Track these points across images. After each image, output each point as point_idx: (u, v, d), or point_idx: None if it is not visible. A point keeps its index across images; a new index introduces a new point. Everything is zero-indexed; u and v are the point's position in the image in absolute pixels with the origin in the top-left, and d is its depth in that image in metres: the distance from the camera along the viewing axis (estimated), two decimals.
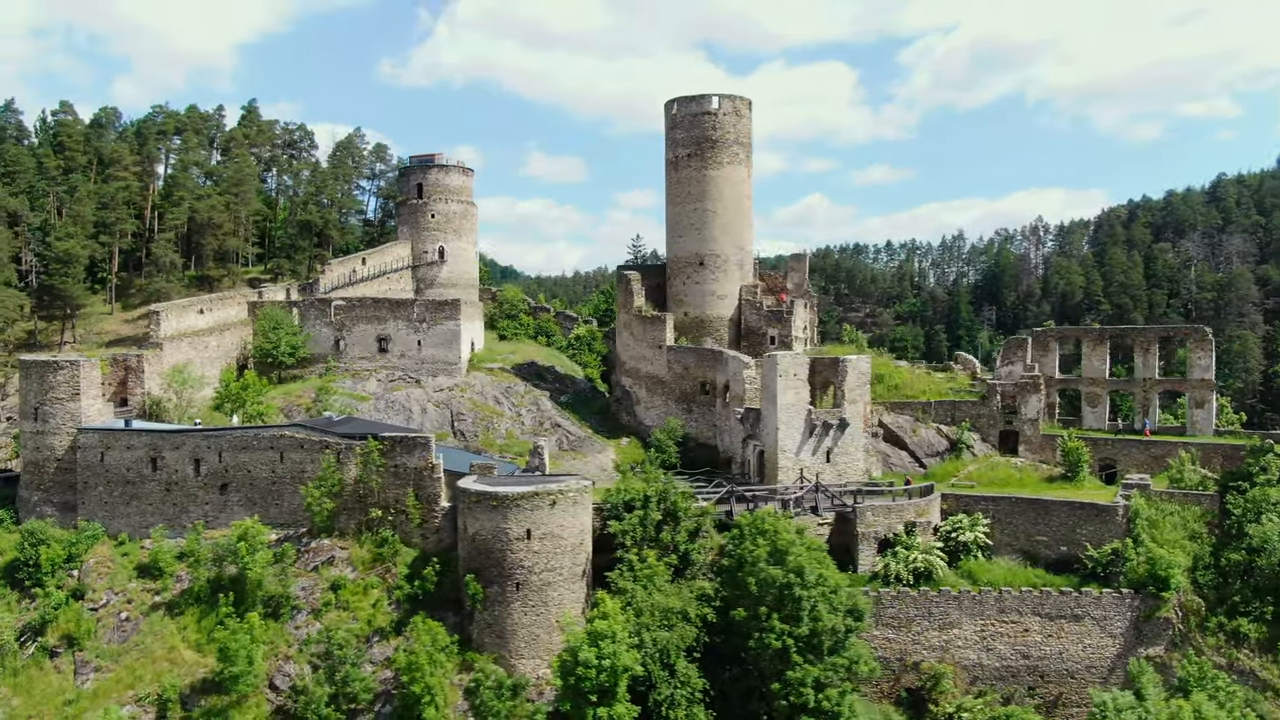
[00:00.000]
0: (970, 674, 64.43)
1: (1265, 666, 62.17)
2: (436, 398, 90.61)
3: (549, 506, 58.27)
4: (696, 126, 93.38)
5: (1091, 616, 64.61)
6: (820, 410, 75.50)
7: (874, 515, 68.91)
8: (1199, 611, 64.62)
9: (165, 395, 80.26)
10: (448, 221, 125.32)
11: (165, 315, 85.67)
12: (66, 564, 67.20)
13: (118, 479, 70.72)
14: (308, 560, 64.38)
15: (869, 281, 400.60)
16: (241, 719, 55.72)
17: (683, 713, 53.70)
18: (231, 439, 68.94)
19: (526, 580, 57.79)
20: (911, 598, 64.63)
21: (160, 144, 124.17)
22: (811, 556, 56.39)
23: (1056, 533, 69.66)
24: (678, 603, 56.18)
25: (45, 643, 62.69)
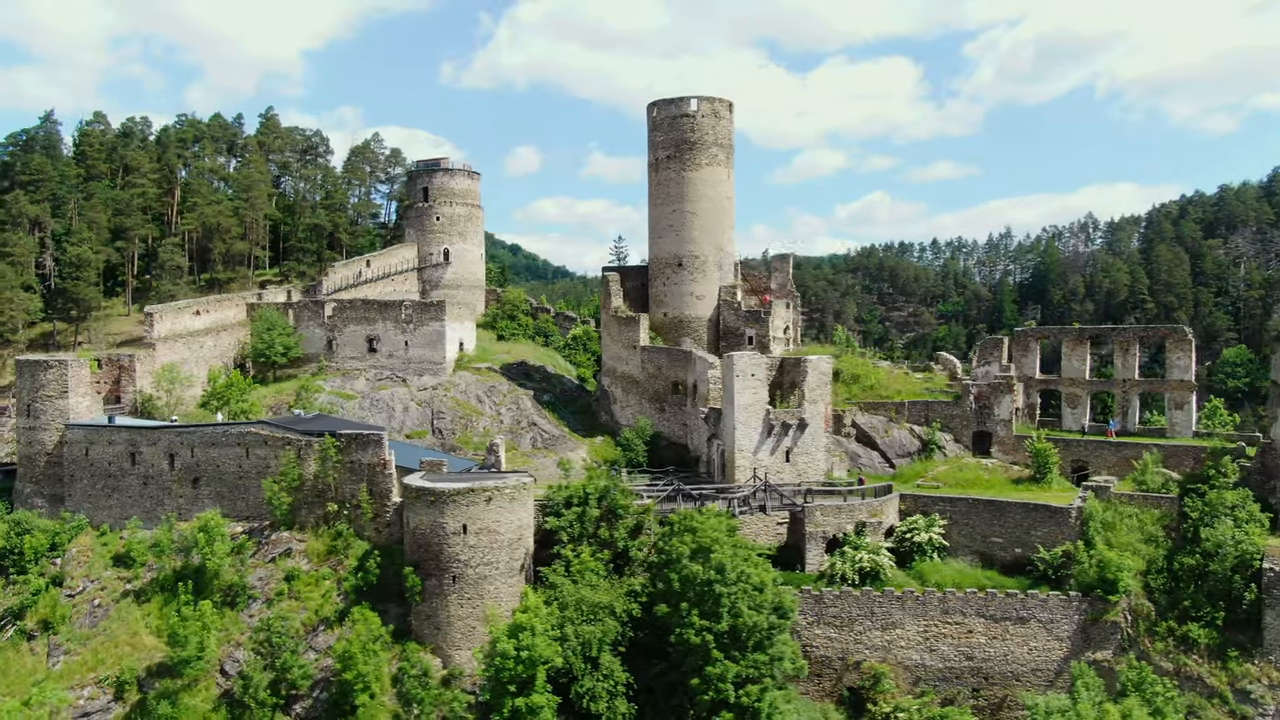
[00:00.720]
0: (913, 674, 64.36)
1: (1213, 673, 60.91)
2: (420, 396, 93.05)
3: (484, 503, 59.98)
4: (675, 129, 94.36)
5: (1037, 619, 64.06)
6: (779, 410, 75.90)
7: (823, 515, 69.27)
8: (1149, 616, 63.60)
9: (156, 394, 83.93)
10: (452, 224, 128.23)
11: (160, 317, 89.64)
12: (50, 552, 71.02)
13: (101, 472, 74.49)
14: (267, 552, 67.11)
15: (912, 280, 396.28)
16: (190, 701, 58.41)
17: (604, 705, 54.91)
18: (202, 435, 72.13)
19: (462, 574, 59.59)
20: (854, 597, 64.80)
21: (181, 152, 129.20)
22: (738, 554, 57.05)
23: (1011, 534, 69.23)
24: (605, 598, 57.34)
25: (23, 626, 66.46)
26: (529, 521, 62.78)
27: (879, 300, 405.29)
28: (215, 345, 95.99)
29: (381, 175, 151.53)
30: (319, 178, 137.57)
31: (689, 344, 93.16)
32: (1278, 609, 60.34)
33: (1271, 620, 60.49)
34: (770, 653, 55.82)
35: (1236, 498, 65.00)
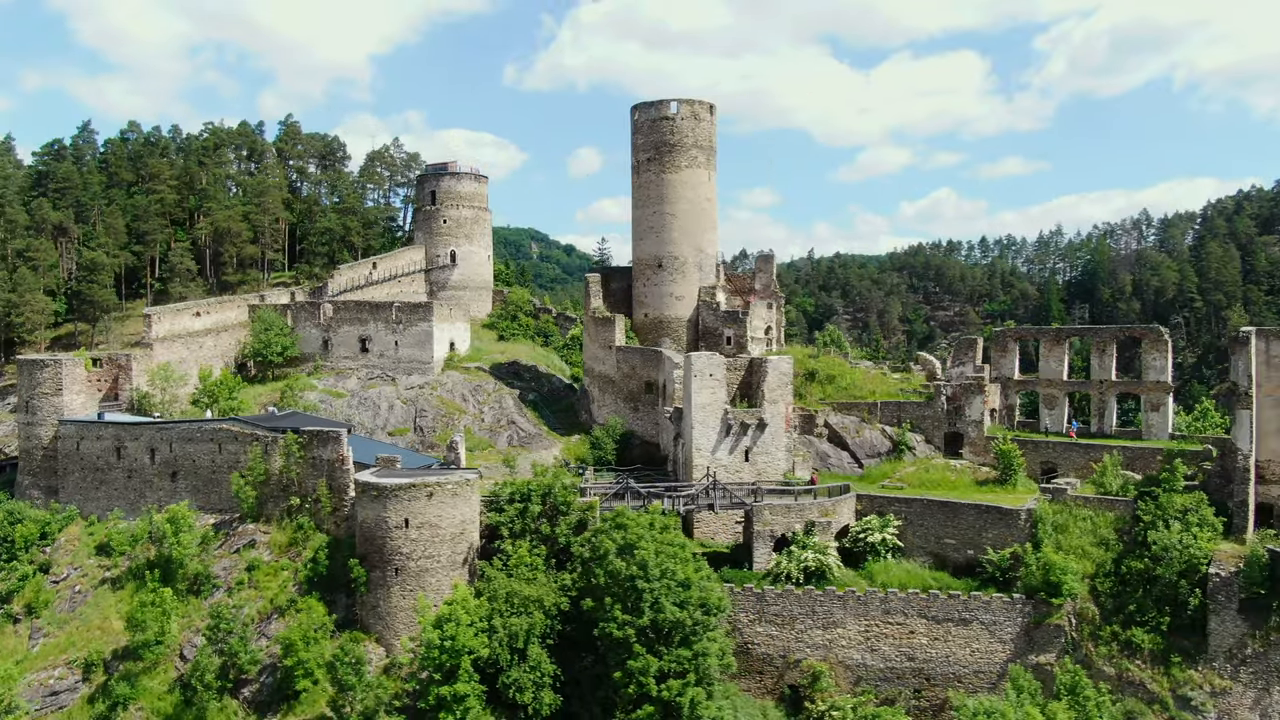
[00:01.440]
0: (854, 674, 64.63)
1: (1155, 679, 59.98)
2: (406, 395, 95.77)
3: (426, 498, 62.00)
4: (655, 131, 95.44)
5: (980, 621, 63.81)
6: (738, 410, 76.59)
7: (771, 514, 69.81)
8: (1093, 620, 62.86)
9: (152, 392, 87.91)
10: (459, 226, 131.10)
11: (158, 318, 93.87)
12: (41, 541, 75.20)
13: (90, 466, 78.54)
14: (232, 543, 70.18)
15: (958, 279, 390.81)
16: (149, 684, 61.55)
17: (529, 695, 56.44)
18: (179, 431, 75.65)
19: (404, 566, 61.69)
20: (795, 596, 65.28)
21: (203, 159, 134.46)
22: (663, 552, 57.99)
23: (964, 536, 68.99)
24: (536, 591, 58.85)
25: (10, 610, 70.56)
26: (473, 517, 64.65)
27: (925, 299, 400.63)
28: (216, 345, 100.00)
29: (400, 179, 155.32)
30: (327, 184, 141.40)
31: (668, 344, 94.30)
32: (1222, 615, 59.24)
33: (1216, 626, 59.40)
34: (695, 648, 56.60)
35: (1190, 501, 63.80)
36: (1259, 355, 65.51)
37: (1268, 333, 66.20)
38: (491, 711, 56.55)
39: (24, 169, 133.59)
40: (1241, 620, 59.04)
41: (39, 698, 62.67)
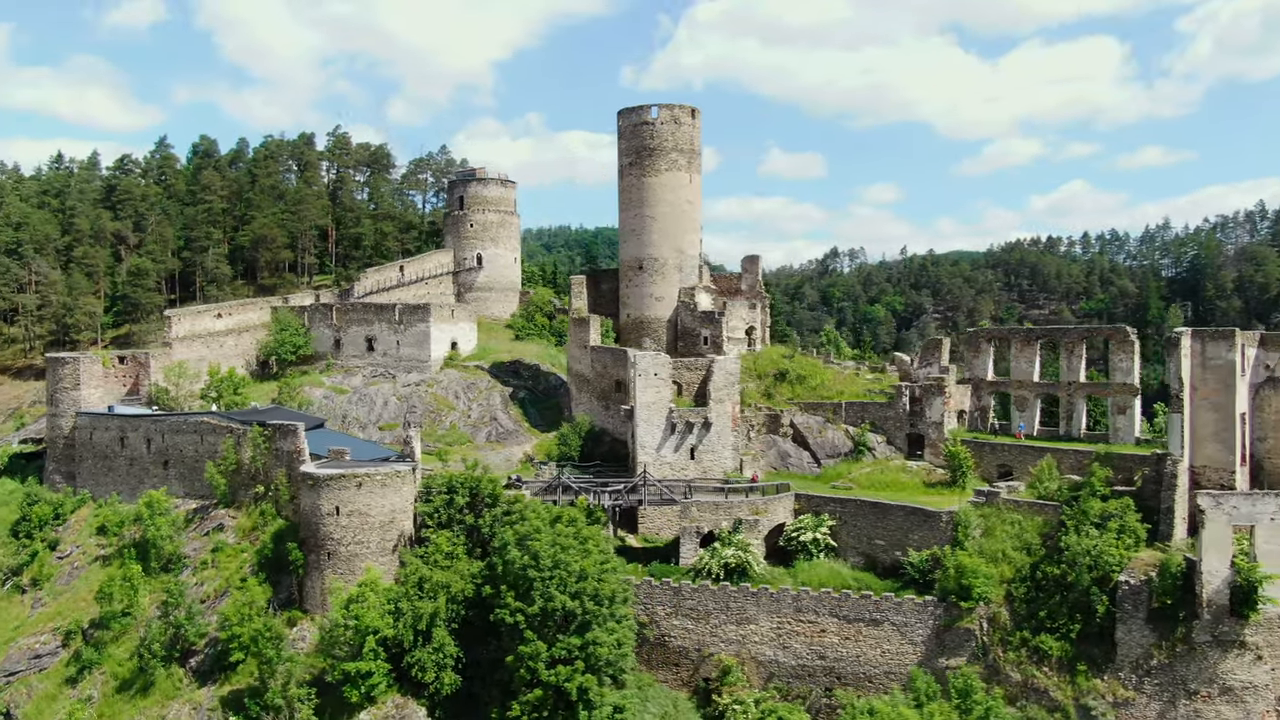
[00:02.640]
0: (766, 670, 65.56)
1: (1060, 686, 58.73)
2: (403, 392, 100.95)
3: (355, 488, 66.36)
4: (637, 136, 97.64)
5: (891, 622, 63.80)
6: (683, 409, 78.24)
7: (699, 511, 71.40)
8: (1005, 625, 61.95)
9: (168, 387, 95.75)
10: (485, 230, 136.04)
11: (178, 319, 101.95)
12: (54, 521, 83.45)
13: (100, 454, 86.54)
14: (205, 526, 76.39)
15: (1054, 277, 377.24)
16: (114, 651, 67.97)
17: (432, 675, 59.81)
18: (169, 424, 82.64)
19: (336, 551, 66.18)
20: (711, 591, 66.63)
21: (253, 170, 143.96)
22: (562, 544, 60.33)
23: (892, 537, 68.94)
24: (444, 577, 62.29)
25: (19, 582, 78.81)
26: (404, 507, 68.63)
27: (1019, 298, 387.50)
28: (237, 345, 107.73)
29: (445, 184, 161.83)
30: (364, 191, 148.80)
31: (649, 344, 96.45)
32: (1129, 623, 57.66)
33: (1123, 635, 57.86)
34: (586, 637, 58.84)
35: (1116, 507, 62.10)
36: (1194, 357, 63.18)
37: (1203, 334, 63.71)
38: (399, 690, 60.39)
39: (97, 182, 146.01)
40: (1149, 631, 57.33)
41: (25, 660, 70.12)
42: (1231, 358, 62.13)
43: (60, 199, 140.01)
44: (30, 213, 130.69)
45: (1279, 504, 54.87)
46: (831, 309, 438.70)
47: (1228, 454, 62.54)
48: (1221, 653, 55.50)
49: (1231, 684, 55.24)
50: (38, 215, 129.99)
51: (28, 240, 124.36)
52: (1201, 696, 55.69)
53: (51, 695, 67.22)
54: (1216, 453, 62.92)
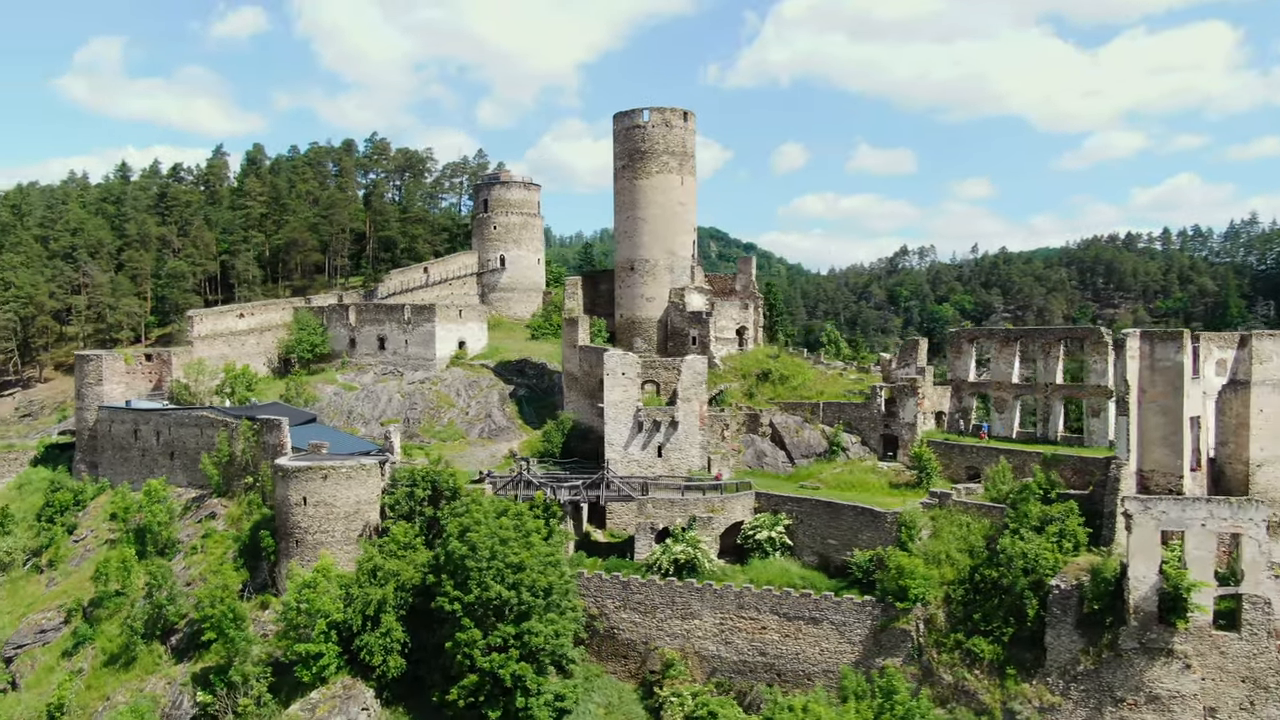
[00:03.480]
0: (709, 665, 66.68)
1: (989, 690, 58.31)
2: (408, 389, 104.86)
3: (321, 479, 69.95)
4: (629, 140, 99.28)
5: (830, 621, 64.23)
6: (651, 408, 79.72)
7: (654, 508, 72.88)
8: (941, 627, 61.74)
9: (188, 383, 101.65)
10: (508, 232, 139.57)
11: (200, 319, 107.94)
12: (74, 506, 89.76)
13: (118, 445, 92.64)
14: (199, 513, 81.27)
15: (1130, 274, 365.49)
16: (107, 627, 73.17)
17: (379, 659, 62.83)
18: (174, 418, 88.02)
19: (303, 539, 69.89)
20: (658, 586, 68.07)
21: (291, 177, 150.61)
22: (501, 535, 62.62)
23: (843, 537, 69.27)
24: (394, 566, 65.26)
25: (38, 562, 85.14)
26: (370, 498, 71.94)
27: (1094, 297, 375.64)
28: (259, 343, 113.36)
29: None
30: (405, 194, 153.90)
31: (640, 344, 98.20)
32: (1058, 628, 56.97)
33: (1052, 640, 57.19)
34: (522, 627, 61.06)
35: (1059, 510, 61.31)
36: (1142, 359, 61.84)
37: (1152, 335, 62.28)
38: (349, 672, 63.60)
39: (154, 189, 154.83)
40: (1078, 636, 56.53)
41: (32, 634, 75.98)
42: (1179, 360, 60.57)
43: (118, 205, 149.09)
44: (87, 219, 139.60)
45: (1209, 510, 53.51)
46: (899, 308, 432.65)
47: (1175, 458, 60.96)
48: (1148, 661, 54.41)
49: (1159, 693, 54.12)
50: (93, 221, 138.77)
51: (81, 245, 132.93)
52: (1128, 704, 54.70)
53: (50, 667, 72.77)
54: (1165, 457, 61.37)
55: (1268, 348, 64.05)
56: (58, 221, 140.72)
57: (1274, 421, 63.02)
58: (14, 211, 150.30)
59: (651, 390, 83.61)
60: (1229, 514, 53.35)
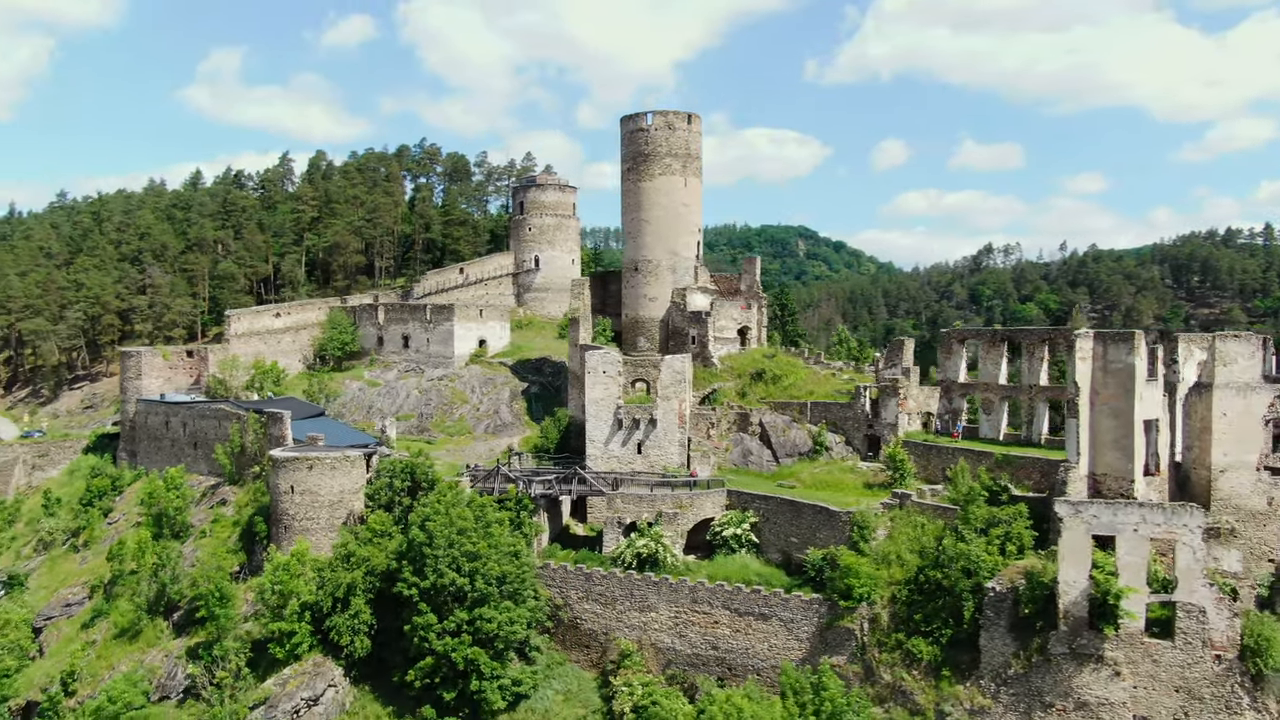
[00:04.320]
0: (665, 656, 68.19)
1: (924, 690, 58.15)
2: (426, 386, 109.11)
3: (307, 470, 74.24)
4: (634, 143, 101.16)
5: (779, 617, 65.01)
6: (631, 405, 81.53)
7: (623, 503, 74.74)
8: (884, 626, 61.78)
9: (223, 378, 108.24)
10: (542, 233, 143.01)
11: (237, 318, 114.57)
12: (112, 492, 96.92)
13: (152, 435, 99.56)
14: (212, 500, 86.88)
15: (1226, 273, 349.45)
16: (122, 604, 78.96)
17: (347, 639, 66.50)
18: (197, 410, 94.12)
19: (290, 525, 74.34)
20: (618, 579, 69.93)
21: (341, 182, 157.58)
22: (458, 526, 65.52)
23: (804, 535, 69.85)
24: (365, 552, 68.87)
25: (75, 542, 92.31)
26: (354, 488, 75.90)
27: (1188, 296, 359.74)
28: (294, 341, 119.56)
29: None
30: (451, 198, 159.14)
31: (643, 343, 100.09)
32: (992, 631, 56.49)
33: (986, 643, 56.74)
34: (475, 613, 63.83)
35: (1007, 513, 60.68)
36: (1095, 361, 60.59)
37: (1105, 336, 60.91)
38: (321, 650, 67.50)
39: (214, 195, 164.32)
40: (1011, 639, 55.95)
41: (59, 607, 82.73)
42: (1131, 361, 59.05)
43: (186, 211, 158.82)
44: (155, 224, 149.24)
45: (1142, 515, 52.33)
46: (980, 307, 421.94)
47: (1127, 462, 59.46)
48: (1077, 666, 53.54)
49: (1087, 699, 53.22)
50: (159, 226, 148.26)
51: (147, 248, 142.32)
52: (1056, 710, 53.94)
53: (71, 638, 79.18)
54: (1116, 460, 59.87)
55: (1233, 349, 61.73)
56: (130, 227, 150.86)
57: (1238, 426, 60.70)
58: (94, 218, 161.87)
59: (643, 389, 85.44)
60: (1163, 519, 52.11)
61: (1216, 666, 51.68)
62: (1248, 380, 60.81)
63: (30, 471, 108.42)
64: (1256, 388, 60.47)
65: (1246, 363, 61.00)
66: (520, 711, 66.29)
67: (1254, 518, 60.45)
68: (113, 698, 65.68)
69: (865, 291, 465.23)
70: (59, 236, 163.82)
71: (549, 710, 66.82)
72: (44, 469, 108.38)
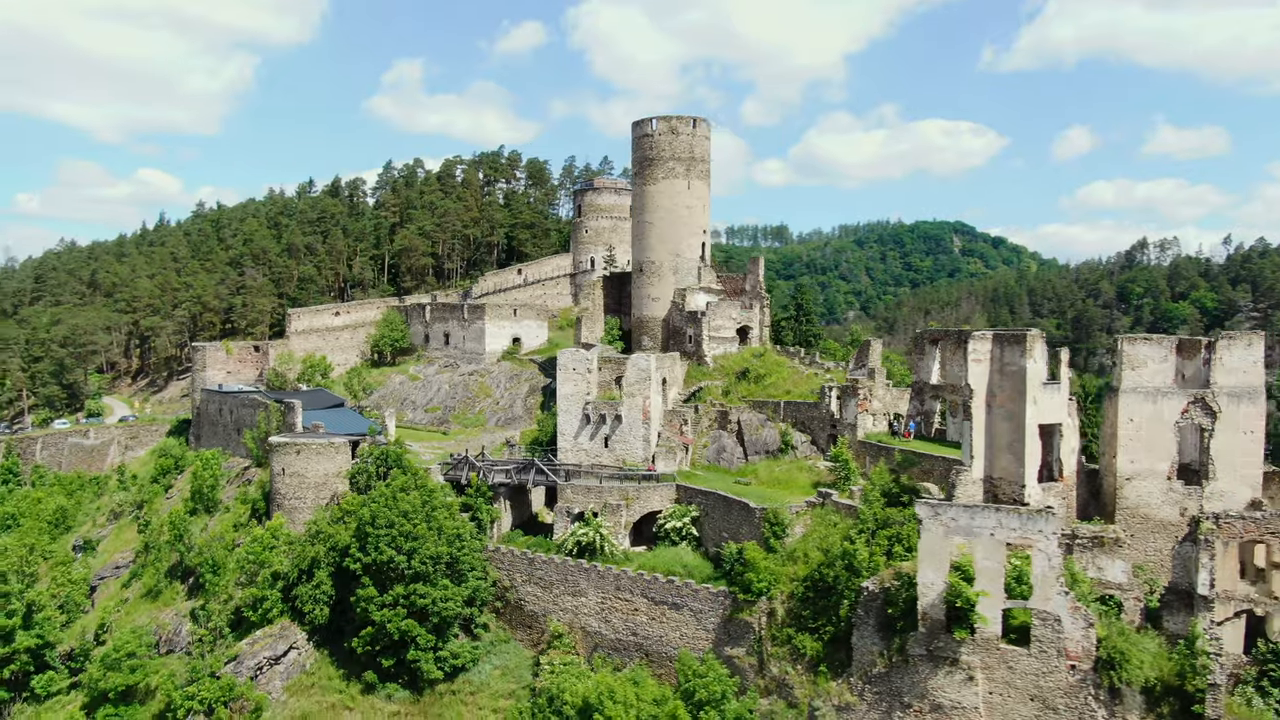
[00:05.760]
0: (592, 640, 71.77)
1: (803, 685, 59.15)
2: (456, 380, 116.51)
3: (295, 454, 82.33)
4: (640, 148, 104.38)
5: (690, 607, 67.36)
6: (598, 401, 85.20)
7: (573, 493, 78.60)
8: (780, 621, 62.98)
9: (281, 371, 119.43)
10: (598, 235, 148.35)
11: (297, 316, 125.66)
12: (174, 470, 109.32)
13: (210, 421, 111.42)
14: (241, 480, 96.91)
15: None
16: (150, 568, 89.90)
17: (310, 607, 73.79)
18: (239, 399, 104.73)
19: (282, 504, 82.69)
20: (555, 564, 74.04)
21: (424, 190, 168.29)
22: (398, 509, 71.31)
23: (732, 529, 71.66)
24: (331, 530, 75.91)
25: (138, 514, 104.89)
26: (339, 471, 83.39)
27: None
28: (352, 338, 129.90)
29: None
30: (530, 202, 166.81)
31: (646, 342, 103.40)
32: (862, 630, 56.92)
33: (857, 641, 57.20)
34: (411, 588, 69.58)
35: (904, 514, 60.67)
36: (993, 363, 59.64)
37: (1002, 338, 59.76)
38: (289, 616, 75.18)
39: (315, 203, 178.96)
40: (879, 639, 56.23)
41: (111, 569, 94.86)
42: (1024, 364, 57.78)
43: (290, 218, 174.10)
44: (257, 230, 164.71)
45: (998, 520, 51.63)
46: (1129, 306, 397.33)
47: (1018, 466, 58.15)
48: (933, 668, 53.36)
49: (942, 702, 53.00)
50: (261, 233, 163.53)
51: (247, 253, 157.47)
52: (914, 711, 53.94)
53: (113, 596, 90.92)
54: (1010, 465, 58.68)
55: (1142, 353, 58.79)
56: (239, 234, 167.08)
57: (1146, 432, 57.79)
58: (214, 225, 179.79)
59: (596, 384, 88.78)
60: (1018, 525, 51.31)
61: (1071, 677, 50.51)
62: (1158, 385, 57.95)
63: (123, 451, 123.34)
64: (1168, 393, 57.57)
65: (1157, 366, 58.12)
66: (457, 682, 71.67)
67: (1164, 528, 57.64)
68: (118, 647, 75.49)
69: (1009, 290, 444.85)
70: (189, 242, 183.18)
71: (484, 683, 71.82)
72: (134, 449, 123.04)
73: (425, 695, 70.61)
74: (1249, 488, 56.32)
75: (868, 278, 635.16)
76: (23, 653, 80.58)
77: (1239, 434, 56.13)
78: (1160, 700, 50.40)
